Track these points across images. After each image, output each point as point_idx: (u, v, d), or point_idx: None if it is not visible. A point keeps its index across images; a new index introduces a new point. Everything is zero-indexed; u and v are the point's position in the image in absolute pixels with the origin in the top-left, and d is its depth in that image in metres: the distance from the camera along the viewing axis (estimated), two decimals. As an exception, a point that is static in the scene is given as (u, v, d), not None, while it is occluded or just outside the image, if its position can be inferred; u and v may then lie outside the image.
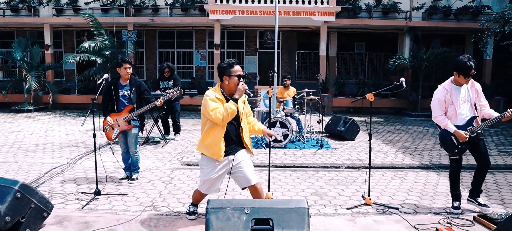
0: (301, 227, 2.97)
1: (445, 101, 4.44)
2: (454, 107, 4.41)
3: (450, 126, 4.39)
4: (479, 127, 4.39)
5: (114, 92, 5.46)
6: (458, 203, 4.60)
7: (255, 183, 3.79)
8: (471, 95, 4.47)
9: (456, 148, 4.44)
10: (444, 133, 4.50)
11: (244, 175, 3.79)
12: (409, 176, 6.26)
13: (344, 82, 15.95)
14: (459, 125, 4.41)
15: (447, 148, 4.53)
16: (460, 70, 4.33)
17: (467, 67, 4.28)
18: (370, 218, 4.34)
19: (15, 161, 6.98)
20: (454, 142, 4.42)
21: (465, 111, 4.43)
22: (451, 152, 4.52)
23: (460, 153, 4.48)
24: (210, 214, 3.02)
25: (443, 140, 4.54)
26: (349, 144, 8.78)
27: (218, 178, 3.87)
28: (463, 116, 4.42)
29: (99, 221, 4.09)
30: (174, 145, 8.46)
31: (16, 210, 3.52)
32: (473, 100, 4.46)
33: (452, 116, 4.45)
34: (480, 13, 15.59)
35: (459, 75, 4.36)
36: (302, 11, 14.45)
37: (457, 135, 4.35)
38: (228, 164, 3.82)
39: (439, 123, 4.52)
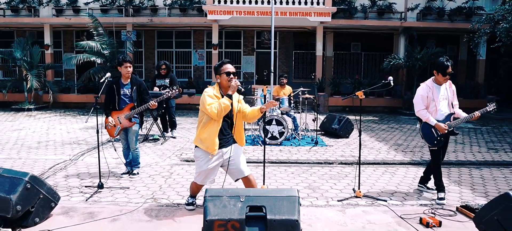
0: (291, 214, 3.22)
1: (427, 98, 4.88)
2: (435, 104, 4.85)
3: (431, 119, 4.82)
4: (455, 123, 4.86)
5: (116, 91, 5.66)
6: (443, 194, 4.93)
7: (248, 175, 4.15)
8: (449, 95, 4.94)
9: (436, 140, 4.87)
10: (425, 126, 4.93)
11: (237, 167, 4.15)
12: (399, 171, 6.52)
13: (340, 81, 16.21)
14: (438, 120, 4.85)
15: (428, 139, 4.95)
16: (439, 69, 4.79)
17: (445, 66, 4.75)
18: (359, 209, 4.59)
19: (19, 157, 7.21)
20: (434, 134, 4.86)
21: (443, 108, 4.89)
22: (431, 143, 4.94)
23: (439, 144, 4.90)
24: (208, 201, 3.27)
25: (424, 132, 4.97)
26: (343, 141, 9.03)
27: (212, 170, 4.16)
28: (442, 112, 4.87)
29: (103, 211, 4.33)
30: (173, 142, 8.70)
31: (26, 200, 3.76)
32: (450, 99, 4.94)
33: (432, 111, 4.88)
34: (473, 14, 15.88)
35: (438, 74, 4.82)
36: (298, 11, 14.71)
37: (438, 127, 4.80)
38: (221, 157, 4.12)
39: (421, 117, 4.92)
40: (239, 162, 4.16)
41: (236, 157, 4.15)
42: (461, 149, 8.38)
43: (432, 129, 4.85)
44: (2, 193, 3.66)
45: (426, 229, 3.97)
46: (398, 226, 4.07)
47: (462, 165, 7.07)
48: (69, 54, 16.82)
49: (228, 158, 4.11)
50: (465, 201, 4.81)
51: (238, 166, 4.15)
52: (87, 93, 15.71)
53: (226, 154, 4.13)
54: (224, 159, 4.12)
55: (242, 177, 4.19)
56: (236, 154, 4.16)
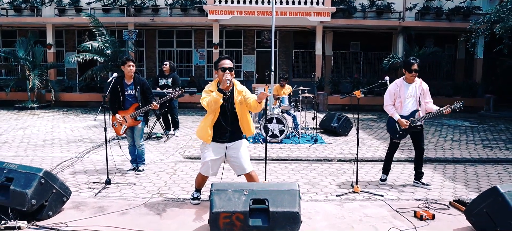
0: (292, 206, 3.43)
1: (394, 94, 5.41)
2: (400, 100, 5.38)
3: (395, 114, 5.36)
4: (419, 119, 5.34)
5: (120, 91, 5.84)
6: (385, 176, 5.78)
7: (250, 171, 4.32)
8: (418, 93, 5.38)
9: (398, 133, 5.43)
10: (390, 120, 5.50)
11: (239, 163, 4.33)
12: (396, 168, 6.72)
13: (339, 80, 16.41)
14: (403, 115, 5.37)
15: (391, 132, 5.53)
16: (406, 67, 5.37)
17: (410, 63, 5.30)
18: (356, 203, 4.80)
19: (26, 155, 7.41)
20: (397, 128, 5.40)
21: (409, 105, 5.38)
22: (393, 136, 5.49)
23: (400, 138, 5.47)
24: (213, 195, 3.47)
25: (389, 125, 5.55)
26: (342, 139, 9.24)
27: (214, 162, 4.34)
28: (407, 108, 5.38)
29: (112, 205, 4.53)
30: (176, 140, 8.90)
31: (41, 194, 3.96)
32: (418, 97, 5.37)
33: (398, 107, 5.41)
34: (471, 13, 16.09)
35: (406, 71, 5.36)
36: (298, 11, 14.91)
37: (400, 123, 5.33)
38: (223, 151, 4.30)
39: (387, 111, 5.47)
40: (241, 158, 4.32)
41: (238, 153, 4.31)
42: (457, 147, 8.59)
43: (395, 123, 5.37)
44: (18, 188, 3.86)
45: (419, 222, 4.17)
46: (393, 219, 4.28)
47: (458, 162, 7.28)
48: (71, 53, 17.01)
49: (230, 154, 4.30)
50: (458, 196, 5.02)
51: (240, 162, 4.31)
52: (89, 92, 15.90)
53: (229, 149, 4.29)
54: (227, 154, 4.30)
55: (245, 174, 4.36)
56: (239, 150, 4.32)
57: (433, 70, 17.27)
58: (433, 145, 8.72)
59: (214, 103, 4.15)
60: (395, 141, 5.50)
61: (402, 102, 5.36)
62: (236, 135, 4.37)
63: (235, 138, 4.35)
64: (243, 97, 4.30)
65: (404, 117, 5.33)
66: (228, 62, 4.28)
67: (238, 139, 4.38)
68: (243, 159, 4.33)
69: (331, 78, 16.49)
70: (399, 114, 5.35)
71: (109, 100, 5.89)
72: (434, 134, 10.22)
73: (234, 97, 4.30)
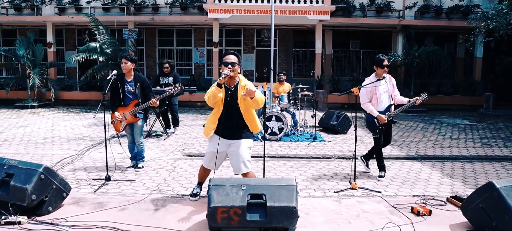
0: (290, 201, 3.46)
1: (371, 92, 5.58)
2: (376, 97, 5.57)
3: (374, 111, 5.53)
4: (395, 113, 5.62)
5: (120, 87, 5.88)
6: (383, 173, 5.84)
7: (246, 172, 4.29)
8: (389, 88, 5.64)
9: (378, 129, 5.59)
10: (369, 117, 5.64)
11: (237, 162, 4.31)
12: (395, 166, 6.76)
13: (338, 79, 16.44)
14: (379, 110, 5.56)
15: (371, 128, 5.68)
16: (377, 63, 5.55)
17: (381, 59, 5.53)
18: (354, 199, 4.83)
19: (26, 153, 7.44)
20: (376, 124, 5.56)
21: (384, 100, 5.60)
22: (374, 132, 5.65)
23: (381, 132, 5.66)
24: (211, 190, 3.51)
25: (368, 122, 5.70)
26: (341, 137, 9.27)
27: (213, 155, 4.34)
28: (383, 104, 5.59)
29: (112, 201, 4.57)
30: (175, 138, 8.93)
31: (41, 190, 4.00)
32: (390, 92, 5.65)
33: (375, 103, 5.60)
34: (470, 12, 16.11)
35: (377, 68, 5.56)
36: (297, 10, 14.93)
37: (379, 118, 5.50)
38: (224, 147, 4.31)
39: (366, 109, 5.61)
40: (238, 158, 4.26)
41: (237, 151, 4.27)
42: (456, 145, 8.62)
43: (374, 119, 5.53)
44: (18, 183, 3.90)
45: (417, 217, 4.20)
46: (390, 214, 4.31)
47: (456, 160, 7.31)
48: (71, 52, 17.06)
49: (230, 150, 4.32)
50: (456, 192, 5.05)
51: (238, 161, 4.27)
52: (90, 90, 15.94)
53: (230, 146, 4.31)
54: (228, 150, 4.33)
55: (241, 174, 4.33)
56: (239, 148, 4.27)
57: (432, 69, 17.30)
58: (432, 143, 8.75)
59: (212, 97, 4.17)
60: (375, 136, 5.67)
61: (378, 99, 5.56)
62: (239, 132, 4.32)
63: (237, 135, 4.32)
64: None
65: (381, 112, 5.53)
66: (231, 57, 4.25)
67: (240, 137, 4.32)
68: (241, 159, 4.26)
69: (331, 77, 16.53)
70: (377, 110, 5.54)
71: (110, 97, 5.93)
72: (433, 132, 10.25)
73: (237, 93, 4.27)
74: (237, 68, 4.27)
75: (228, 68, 4.17)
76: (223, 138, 4.30)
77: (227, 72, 4.13)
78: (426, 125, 11.51)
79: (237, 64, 4.26)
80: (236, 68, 4.25)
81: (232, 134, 4.32)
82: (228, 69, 4.16)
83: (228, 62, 4.21)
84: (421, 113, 14.36)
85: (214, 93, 4.16)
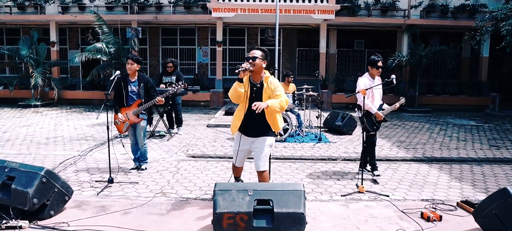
0: (297, 207, 3.36)
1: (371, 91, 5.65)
2: (372, 95, 5.69)
3: (373, 108, 5.66)
4: (387, 110, 5.79)
5: (123, 87, 5.81)
6: (377, 172, 5.91)
7: (262, 170, 4.20)
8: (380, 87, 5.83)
9: (374, 125, 5.75)
10: (366, 115, 5.68)
11: (257, 160, 4.25)
12: (402, 168, 6.64)
13: (343, 79, 16.29)
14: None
15: (369, 125, 5.72)
16: (372, 64, 5.70)
17: (375, 60, 5.68)
18: (362, 203, 4.73)
19: (29, 153, 7.38)
20: (373, 121, 5.71)
21: (377, 99, 5.81)
22: (371, 129, 5.70)
23: (376, 129, 5.82)
24: (217, 195, 3.41)
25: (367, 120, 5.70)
26: (346, 138, 9.16)
27: (239, 153, 4.33)
28: (377, 102, 5.79)
29: (115, 205, 4.48)
30: (179, 138, 8.85)
31: (42, 193, 3.92)
32: (380, 92, 5.87)
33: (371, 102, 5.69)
34: (476, 11, 15.92)
35: (373, 68, 5.70)
36: (302, 9, 14.79)
37: (377, 116, 5.66)
38: (247, 144, 4.29)
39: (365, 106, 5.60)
40: (258, 155, 4.21)
41: (258, 148, 4.21)
42: (463, 146, 8.49)
43: (372, 116, 5.67)
44: (19, 187, 3.82)
45: (427, 223, 4.09)
46: (399, 219, 4.21)
47: (464, 162, 7.18)
48: (74, 51, 17.01)
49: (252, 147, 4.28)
50: (466, 197, 4.94)
51: (258, 159, 4.21)
52: (93, 90, 15.87)
53: (253, 143, 4.26)
54: (251, 147, 4.29)
55: (257, 171, 4.25)
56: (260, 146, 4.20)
57: (438, 69, 17.13)
58: (439, 144, 8.63)
59: (233, 93, 4.15)
60: (371, 133, 5.73)
61: (374, 97, 5.72)
62: (261, 130, 4.23)
63: (260, 132, 4.23)
64: (271, 92, 4.15)
65: None
66: (254, 52, 4.16)
67: (263, 135, 4.24)
68: (260, 156, 4.20)
69: (335, 77, 16.38)
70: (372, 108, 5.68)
71: (114, 97, 5.86)
72: (439, 133, 10.12)
73: (263, 91, 4.15)
74: (259, 63, 4.12)
75: (248, 62, 4.08)
76: (245, 136, 4.26)
77: (245, 66, 4.03)
78: (431, 126, 11.38)
79: (259, 58, 4.12)
80: (257, 62, 4.11)
81: (255, 132, 4.24)
82: (247, 63, 4.07)
83: (249, 57, 4.13)
84: (427, 113, 14.22)
85: (234, 88, 4.09)
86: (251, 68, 4.08)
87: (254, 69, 4.12)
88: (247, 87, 4.16)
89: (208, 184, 5.49)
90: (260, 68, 4.17)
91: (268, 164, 4.29)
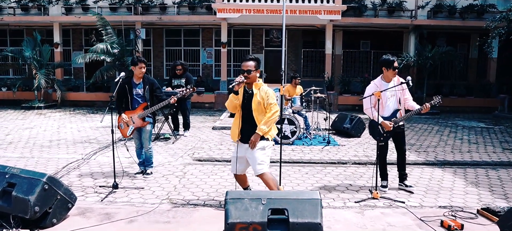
0: (314, 217, 3.16)
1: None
2: (381, 101, 5.08)
3: (378, 117, 5.06)
4: (401, 119, 5.13)
5: (128, 90, 5.62)
6: (386, 182, 5.36)
7: (260, 174, 4.16)
8: (398, 91, 5.16)
9: (382, 136, 5.12)
10: (372, 123, 5.23)
11: (252, 165, 4.22)
12: (415, 172, 6.43)
13: (349, 80, 16.08)
14: (385, 116, 5.14)
15: (375, 135, 5.22)
16: (387, 65, 5.10)
17: (391, 61, 5.09)
18: (377, 210, 4.52)
19: (32, 156, 7.21)
20: (381, 131, 5.11)
21: (391, 104, 5.17)
22: (377, 139, 5.16)
23: (385, 140, 5.19)
24: (229, 204, 3.22)
25: (371, 129, 5.28)
26: (355, 140, 8.95)
27: (237, 160, 4.29)
28: (388, 109, 5.16)
29: (120, 212, 4.30)
30: (184, 141, 8.66)
31: (44, 201, 3.74)
32: (398, 95, 5.17)
33: (379, 108, 5.09)
34: (485, 12, 15.68)
35: (388, 70, 5.10)
36: (308, 9, 14.61)
37: (384, 125, 5.06)
38: (243, 151, 4.23)
39: (369, 115, 5.21)
40: (252, 160, 4.19)
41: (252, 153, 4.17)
42: (475, 149, 8.26)
43: (379, 126, 5.08)
44: (20, 194, 3.64)
45: (447, 233, 3.89)
46: (418, 228, 4.00)
47: (478, 166, 6.96)
48: (78, 52, 16.87)
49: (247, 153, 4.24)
50: (485, 203, 4.73)
51: (253, 164, 4.20)
52: (96, 91, 15.74)
53: (247, 149, 4.21)
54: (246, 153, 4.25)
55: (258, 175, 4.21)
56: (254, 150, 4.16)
57: (445, 70, 16.88)
58: (450, 147, 8.41)
59: (229, 105, 4.29)
60: (380, 144, 5.18)
61: (384, 103, 5.13)
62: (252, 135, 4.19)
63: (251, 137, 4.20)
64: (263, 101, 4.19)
65: (386, 118, 5.12)
66: (247, 64, 4.21)
67: None
68: (255, 161, 4.16)
69: (341, 78, 16.17)
70: (381, 115, 5.11)
71: (116, 100, 5.66)
72: (449, 135, 9.89)
73: (253, 98, 4.20)
74: (253, 75, 4.22)
75: (243, 75, 4.16)
76: (242, 142, 4.25)
77: (239, 79, 4.11)
78: (441, 128, 11.15)
79: (253, 71, 4.21)
80: (252, 75, 4.21)
81: (246, 137, 4.22)
82: (241, 76, 4.15)
83: (244, 70, 4.20)
84: (435, 115, 13.98)
85: (231, 100, 4.24)
86: (246, 81, 4.18)
87: (249, 81, 4.22)
88: (241, 96, 4.26)
89: (216, 189, 5.31)
90: (254, 78, 4.25)
91: (266, 166, 4.20)
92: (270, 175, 4.21)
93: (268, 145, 4.26)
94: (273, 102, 4.18)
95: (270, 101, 4.18)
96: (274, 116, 4.18)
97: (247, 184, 4.63)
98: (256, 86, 4.23)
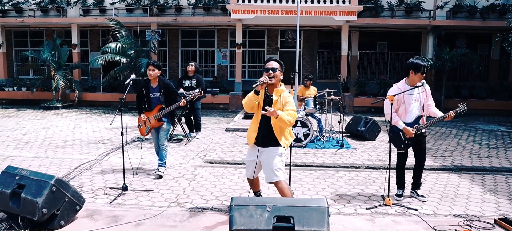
0: (321, 225, 3.08)
1: (398, 100, 4.89)
2: (404, 106, 4.87)
3: (400, 122, 4.84)
4: (424, 126, 4.85)
5: (145, 93, 5.90)
6: (401, 191, 5.16)
7: (275, 181, 3.98)
8: (422, 96, 4.89)
9: (403, 143, 4.90)
10: (394, 129, 4.92)
11: (266, 171, 4.05)
12: (430, 178, 6.25)
13: (365, 82, 15.84)
14: (408, 122, 4.87)
15: (396, 142, 4.96)
16: (415, 68, 4.80)
17: (420, 65, 4.79)
18: (389, 218, 4.40)
19: (46, 156, 7.32)
20: (402, 138, 4.88)
21: (414, 110, 4.88)
22: (398, 147, 4.95)
23: (406, 148, 4.95)
24: (233, 210, 3.17)
25: (392, 135, 4.97)
26: (369, 144, 8.79)
27: (251, 163, 4.18)
28: (412, 115, 4.88)
29: (127, 215, 4.30)
30: (197, 143, 8.66)
31: (52, 203, 3.76)
32: (422, 101, 4.89)
33: (402, 113, 4.91)
34: (507, 11, 15.22)
35: (416, 73, 4.80)
36: (323, 10, 14.44)
37: (406, 131, 4.80)
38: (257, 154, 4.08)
39: (390, 120, 4.90)
40: (267, 166, 4.02)
41: (268, 159, 4.02)
42: (495, 154, 8.00)
43: (400, 132, 4.86)
44: (29, 196, 3.67)
45: (462, 243, 3.75)
46: (431, 238, 3.87)
47: (497, 172, 6.73)
48: (95, 53, 17.12)
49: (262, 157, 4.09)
50: (504, 213, 4.55)
51: (267, 170, 4.03)
52: (112, 92, 15.94)
53: (261, 153, 4.07)
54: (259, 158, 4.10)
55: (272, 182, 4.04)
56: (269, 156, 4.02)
57: (465, 71, 16.46)
58: (468, 152, 8.17)
59: (248, 103, 4.03)
60: (400, 151, 4.98)
61: (407, 108, 4.86)
62: (270, 140, 4.04)
63: (269, 142, 4.05)
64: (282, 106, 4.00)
65: (408, 124, 4.83)
66: (270, 63, 4.05)
67: (272, 145, 4.05)
68: (270, 167, 3.99)
69: (357, 80, 15.94)
70: (403, 121, 4.85)
71: (136, 102, 6.05)
72: (468, 140, 9.62)
73: (272, 104, 3.99)
74: (278, 75, 4.03)
75: (267, 74, 3.95)
76: (256, 146, 4.10)
77: (264, 79, 3.89)
78: (459, 132, 10.86)
79: (278, 70, 4.03)
80: (277, 74, 4.01)
81: (266, 142, 4.07)
82: (265, 76, 3.93)
83: (269, 68, 3.99)
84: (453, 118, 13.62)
85: (250, 99, 3.99)
86: (271, 81, 3.96)
87: (274, 81, 4.00)
88: (261, 99, 4.04)
89: (225, 193, 5.26)
90: (278, 80, 4.08)
91: (282, 173, 4.04)
92: (285, 184, 4.07)
93: (285, 153, 4.15)
94: (292, 108, 4.02)
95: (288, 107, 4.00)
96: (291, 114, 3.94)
97: (259, 188, 4.56)
98: (276, 93, 4.03)
